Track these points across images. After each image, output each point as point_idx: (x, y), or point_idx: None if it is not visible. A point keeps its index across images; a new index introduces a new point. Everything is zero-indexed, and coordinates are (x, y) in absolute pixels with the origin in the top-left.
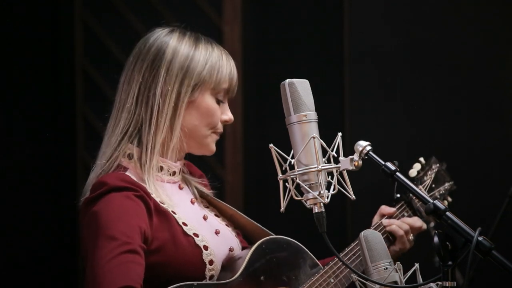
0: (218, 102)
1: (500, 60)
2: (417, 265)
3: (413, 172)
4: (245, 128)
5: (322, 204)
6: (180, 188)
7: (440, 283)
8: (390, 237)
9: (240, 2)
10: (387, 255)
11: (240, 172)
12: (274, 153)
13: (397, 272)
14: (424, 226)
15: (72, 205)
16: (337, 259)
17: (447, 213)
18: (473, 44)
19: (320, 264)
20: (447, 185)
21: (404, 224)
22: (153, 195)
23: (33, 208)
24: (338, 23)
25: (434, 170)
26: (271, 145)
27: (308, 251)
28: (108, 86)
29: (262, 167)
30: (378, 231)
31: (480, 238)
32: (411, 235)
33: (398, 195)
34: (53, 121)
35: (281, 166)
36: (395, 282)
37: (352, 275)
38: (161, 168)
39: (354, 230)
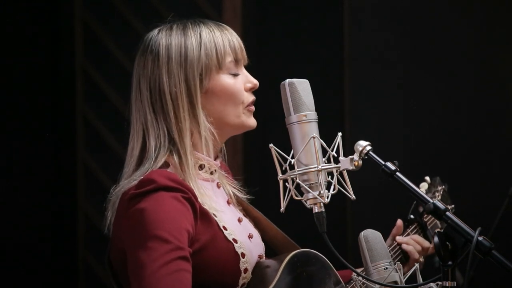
0: (234, 75)
1: (501, 60)
2: (417, 265)
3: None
4: None
5: (322, 204)
6: (218, 187)
7: (440, 283)
8: (404, 259)
9: (240, 2)
10: (387, 255)
11: (240, 172)
12: (274, 153)
13: (397, 272)
14: (432, 250)
15: (72, 205)
16: (357, 276)
17: (447, 213)
18: (473, 44)
19: (342, 282)
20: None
21: (418, 245)
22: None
23: (33, 208)
24: (338, 23)
25: (440, 192)
26: (271, 145)
27: (333, 267)
28: (108, 86)
29: (262, 167)
30: (394, 252)
31: (480, 238)
32: (422, 257)
33: (412, 216)
34: (53, 121)
35: (281, 166)
36: (395, 282)
37: (352, 274)
38: (202, 166)
39: (354, 230)
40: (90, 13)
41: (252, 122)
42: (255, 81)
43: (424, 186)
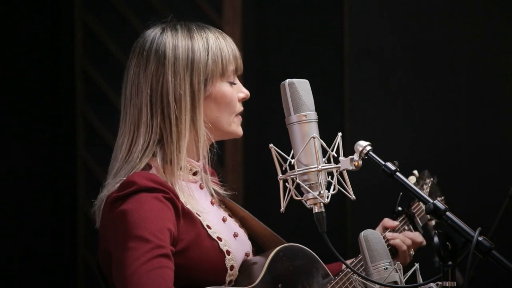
0: (232, 84)
1: (500, 60)
2: (417, 265)
3: None
4: (245, 128)
5: (322, 204)
6: (201, 188)
7: (440, 283)
8: (393, 251)
9: (240, 2)
10: (387, 255)
11: (240, 172)
12: (274, 153)
13: (397, 272)
14: (424, 242)
15: (72, 205)
16: (347, 269)
17: (447, 213)
18: (473, 44)
19: (331, 274)
20: (438, 200)
21: (407, 239)
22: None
23: (33, 208)
24: (338, 23)
25: (428, 185)
26: (271, 145)
27: (320, 261)
28: (108, 86)
29: (262, 167)
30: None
31: (480, 238)
32: (412, 250)
33: (400, 208)
34: (53, 121)
35: (281, 166)
36: (395, 282)
37: (352, 275)
38: (185, 168)
39: (354, 230)
40: (90, 13)
41: (240, 131)
42: (247, 92)
43: (412, 179)
